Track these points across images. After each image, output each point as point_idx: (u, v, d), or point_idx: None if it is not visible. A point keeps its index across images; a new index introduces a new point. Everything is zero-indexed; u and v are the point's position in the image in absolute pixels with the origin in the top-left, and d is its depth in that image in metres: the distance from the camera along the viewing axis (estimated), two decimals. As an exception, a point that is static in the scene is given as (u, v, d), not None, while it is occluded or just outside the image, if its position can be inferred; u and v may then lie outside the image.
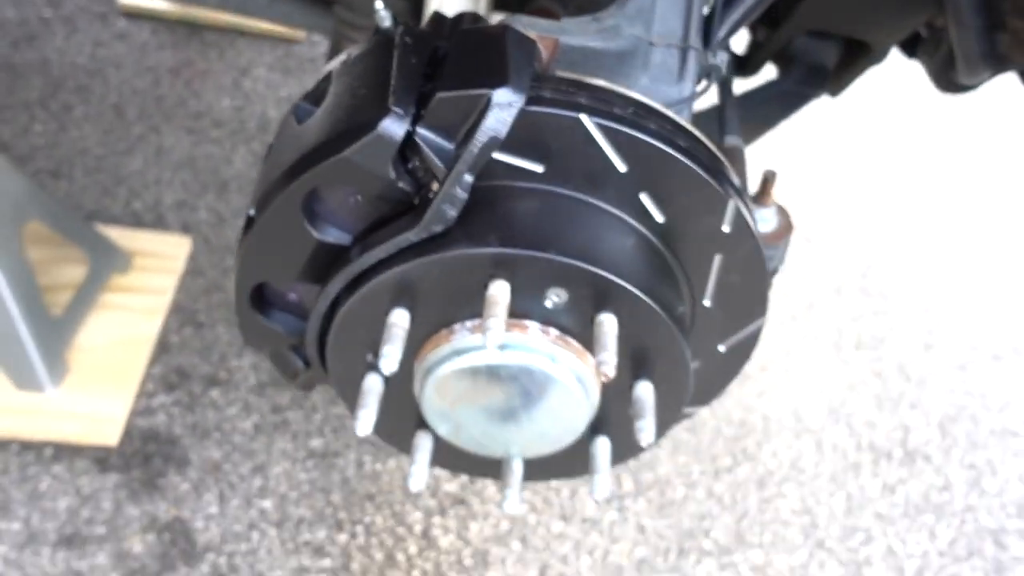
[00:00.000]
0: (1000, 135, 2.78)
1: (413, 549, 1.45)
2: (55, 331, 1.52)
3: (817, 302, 2.08)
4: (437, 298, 0.74)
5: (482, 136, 0.67)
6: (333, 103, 0.74)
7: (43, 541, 1.35)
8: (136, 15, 2.43)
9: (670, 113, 0.74)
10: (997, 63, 1.15)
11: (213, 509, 1.43)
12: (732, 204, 0.75)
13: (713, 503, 1.62)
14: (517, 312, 0.73)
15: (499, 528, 1.50)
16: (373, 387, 0.79)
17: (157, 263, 1.76)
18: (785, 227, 0.91)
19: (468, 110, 0.68)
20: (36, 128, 2.04)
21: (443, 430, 0.82)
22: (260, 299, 0.84)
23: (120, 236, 1.75)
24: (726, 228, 0.76)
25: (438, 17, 0.82)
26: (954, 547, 1.64)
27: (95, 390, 1.52)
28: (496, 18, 0.93)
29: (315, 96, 0.78)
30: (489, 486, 1.56)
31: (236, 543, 1.40)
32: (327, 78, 0.78)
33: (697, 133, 0.75)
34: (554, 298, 0.73)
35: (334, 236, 0.76)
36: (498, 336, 0.68)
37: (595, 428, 0.84)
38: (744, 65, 1.47)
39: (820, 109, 1.50)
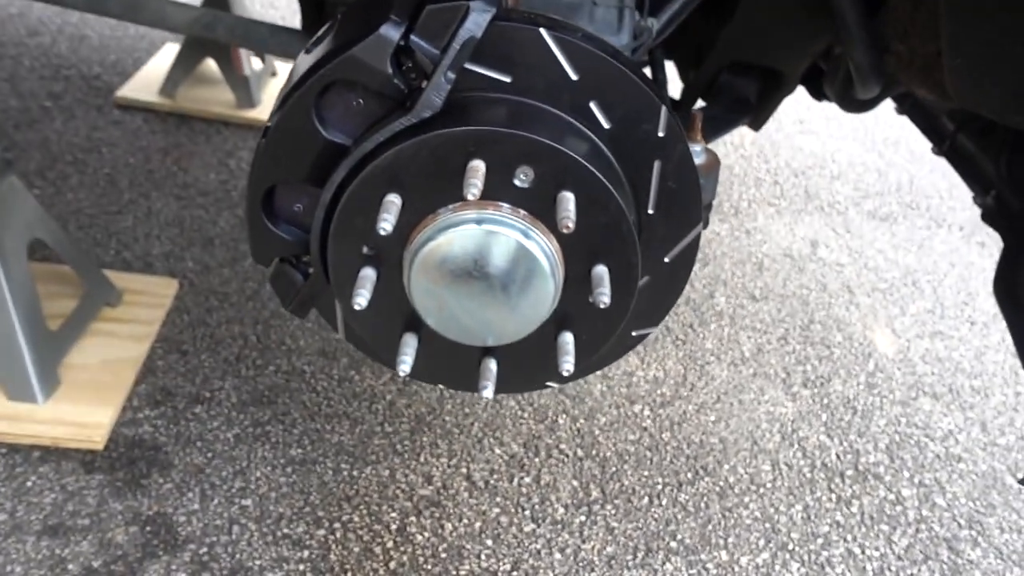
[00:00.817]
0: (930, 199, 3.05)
1: (390, 543, 1.49)
2: (50, 345, 1.60)
3: (765, 348, 2.23)
4: (424, 184, 0.87)
5: (463, 34, 0.84)
6: (339, 30, 0.91)
7: (27, 531, 1.37)
8: (130, 107, 2.64)
9: (611, 42, 0.92)
10: (886, 81, 1.37)
11: (195, 506, 1.47)
12: (665, 111, 0.91)
13: (677, 510, 1.69)
14: (492, 196, 0.87)
15: (473, 527, 1.55)
16: (368, 275, 0.91)
17: (146, 299, 1.86)
18: (713, 161, 1.08)
19: (451, 20, 0.85)
20: (33, 192, 2.17)
21: (431, 317, 0.93)
22: (269, 210, 0.97)
23: (112, 276, 1.85)
24: (661, 133, 0.92)
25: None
26: (911, 552, 1.72)
27: (83, 401, 1.58)
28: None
29: (319, 40, 0.94)
30: (462, 491, 1.62)
31: (217, 535, 1.43)
32: (330, 27, 0.95)
33: (632, 61, 0.93)
34: (522, 176, 0.87)
35: (338, 138, 0.90)
36: (478, 189, 0.82)
37: (560, 324, 0.96)
38: (679, 106, 1.68)
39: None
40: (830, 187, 3.14)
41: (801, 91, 1.66)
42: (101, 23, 3.11)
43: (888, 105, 1.68)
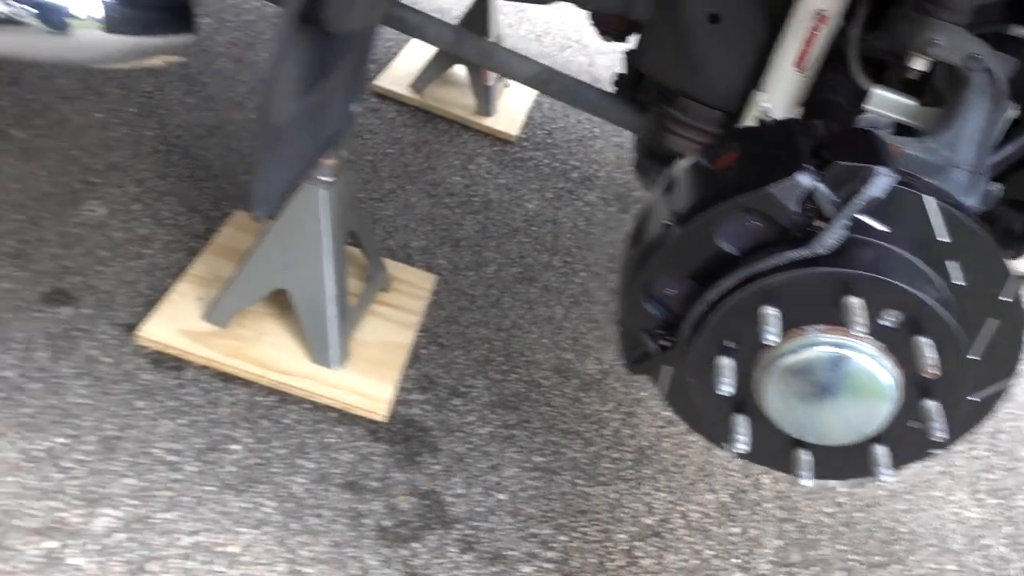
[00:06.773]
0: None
1: (621, 562, 1.65)
2: (348, 320, 1.81)
3: (953, 448, 2.30)
4: (798, 304, 1.02)
5: (868, 195, 0.99)
6: (744, 163, 1.07)
7: (332, 482, 1.59)
8: (384, 96, 2.87)
9: (973, 212, 1.06)
10: None
11: (460, 491, 1.67)
12: (1014, 279, 1.04)
13: (870, 589, 1.81)
14: None
15: (689, 564, 1.71)
16: (727, 364, 1.07)
17: (410, 289, 2.07)
18: None
19: (861, 179, 0.99)
20: (311, 166, 2.42)
21: (770, 410, 1.07)
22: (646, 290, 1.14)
23: (385, 263, 2.07)
24: (1008, 299, 1.05)
25: (810, 118, 1.16)
26: None
27: (368, 375, 1.79)
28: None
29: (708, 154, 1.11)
30: (679, 528, 1.77)
31: (479, 521, 1.62)
32: (725, 140, 1.12)
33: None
34: (889, 319, 1.01)
35: (727, 247, 1.06)
36: (864, 327, 0.97)
37: (878, 437, 1.11)
38: None
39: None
40: None
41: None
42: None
43: None
